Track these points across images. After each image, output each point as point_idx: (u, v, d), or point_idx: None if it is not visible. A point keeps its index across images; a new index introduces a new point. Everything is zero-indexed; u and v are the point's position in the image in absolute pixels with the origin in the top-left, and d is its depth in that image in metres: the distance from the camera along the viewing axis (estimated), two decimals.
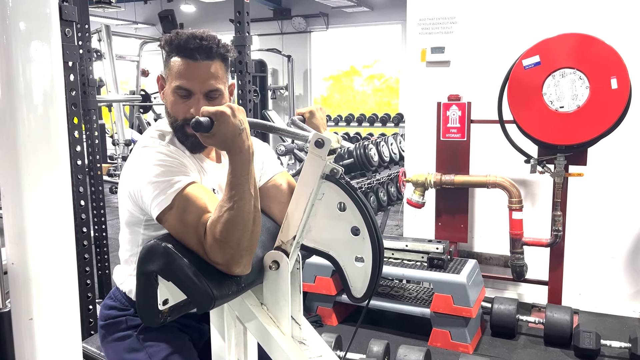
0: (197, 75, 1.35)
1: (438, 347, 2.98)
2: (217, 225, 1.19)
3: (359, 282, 1.28)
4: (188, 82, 1.35)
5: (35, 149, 0.90)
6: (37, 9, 0.89)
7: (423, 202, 3.50)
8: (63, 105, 0.94)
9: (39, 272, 0.90)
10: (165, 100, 1.42)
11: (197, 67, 1.35)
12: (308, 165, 1.25)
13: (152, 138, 1.41)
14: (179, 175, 1.29)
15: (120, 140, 7.72)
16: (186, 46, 1.34)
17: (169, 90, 1.39)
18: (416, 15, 3.81)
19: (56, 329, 0.93)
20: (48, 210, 0.91)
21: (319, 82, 11.48)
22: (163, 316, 1.22)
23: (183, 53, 1.35)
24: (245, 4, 2.91)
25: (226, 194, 1.20)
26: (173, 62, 1.37)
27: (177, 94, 1.37)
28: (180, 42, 1.35)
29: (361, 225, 1.24)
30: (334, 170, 1.24)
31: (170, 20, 8.11)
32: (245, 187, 1.20)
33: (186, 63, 1.35)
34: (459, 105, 3.39)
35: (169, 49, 1.38)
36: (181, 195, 1.26)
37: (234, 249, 1.20)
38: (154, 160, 1.32)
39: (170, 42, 1.37)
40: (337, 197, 1.25)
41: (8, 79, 0.87)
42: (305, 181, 1.26)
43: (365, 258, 1.25)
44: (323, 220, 1.28)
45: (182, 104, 1.37)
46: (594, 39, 2.87)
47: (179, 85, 1.36)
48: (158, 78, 1.45)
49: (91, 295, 2.51)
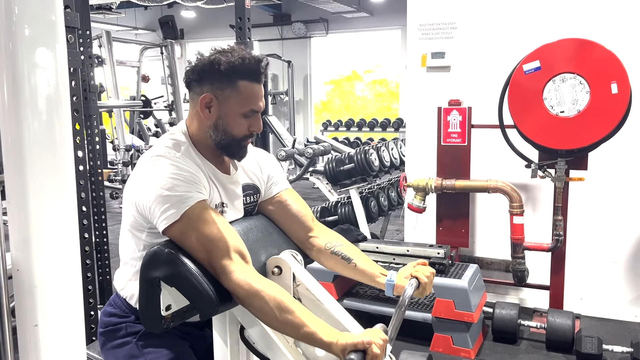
0: (260, 96, 1.44)
1: (440, 352, 2.97)
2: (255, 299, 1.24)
3: None
4: (257, 104, 1.43)
5: (40, 155, 0.90)
6: (42, 15, 0.90)
7: (424, 207, 3.50)
8: (68, 111, 0.94)
9: (44, 279, 0.90)
10: (223, 120, 1.42)
11: (259, 90, 1.44)
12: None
13: (167, 148, 1.41)
14: (191, 192, 1.30)
15: (121, 146, 7.72)
16: (256, 71, 1.40)
17: (233, 111, 1.41)
18: (416, 20, 3.82)
19: (61, 335, 0.93)
20: (53, 216, 0.91)
21: (319, 87, 11.50)
22: (166, 322, 1.22)
23: (253, 78, 1.41)
24: (246, 10, 2.92)
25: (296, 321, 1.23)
26: (241, 86, 1.40)
27: (245, 116, 1.42)
28: (250, 67, 1.39)
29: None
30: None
31: (171, 26, 8.14)
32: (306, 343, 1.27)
33: (255, 87, 1.42)
34: (460, 110, 3.40)
35: (230, 72, 1.38)
36: (192, 212, 1.27)
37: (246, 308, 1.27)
38: (167, 172, 1.32)
39: (234, 65, 1.38)
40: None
41: (14, 85, 0.87)
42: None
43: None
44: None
45: (245, 123, 1.44)
46: (594, 44, 2.88)
47: (253, 109, 1.42)
48: (205, 97, 1.41)
49: (92, 301, 2.51)
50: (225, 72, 1.38)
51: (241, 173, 1.55)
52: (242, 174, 1.55)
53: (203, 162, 1.45)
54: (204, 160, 1.45)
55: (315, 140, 8.32)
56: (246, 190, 1.54)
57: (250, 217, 1.53)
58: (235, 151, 1.47)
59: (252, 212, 1.58)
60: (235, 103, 1.40)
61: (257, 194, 1.58)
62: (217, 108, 1.41)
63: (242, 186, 1.53)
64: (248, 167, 1.57)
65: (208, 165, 1.46)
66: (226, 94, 1.40)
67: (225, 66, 1.37)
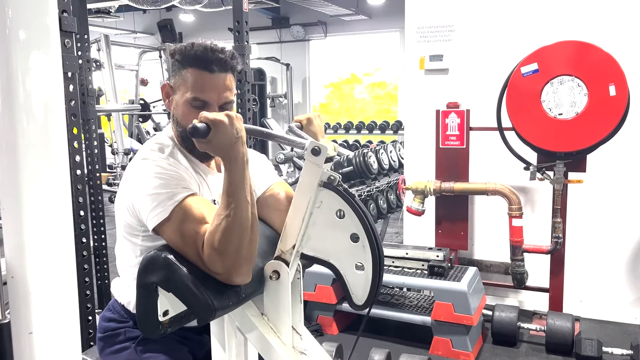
0: (213, 88, 1.37)
1: (439, 356, 2.96)
2: (215, 234, 1.19)
3: (360, 289, 1.27)
4: (204, 94, 1.37)
5: (34, 159, 0.89)
6: (37, 19, 0.90)
7: (423, 210, 3.49)
8: (63, 115, 0.93)
9: (39, 286, 0.89)
10: (176, 109, 1.42)
11: (213, 79, 1.37)
12: (305, 174, 1.25)
13: (152, 150, 1.41)
14: (177, 188, 1.29)
15: (120, 150, 7.71)
16: (203, 58, 1.36)
17: (181, 100, 1.39)
18: (414, 23, 3.82)
19: (56, 342, 0.92)
20: (48, 221, 0.91)
21: (318, 89, 11.50)
22: (163, 327, 1.21)
23: (199, 65, 1.36)
24: (244, 13, 2.93)
25: (223, 202, 1.21)
26: (188, 73, 1.37)
27: (191, 105, 1.37)
28: (197, 54, 1.36)
29: (360, 233, 1.24)
30: (332, 178, 1.24)
31: (169, 29, 8.13)
32: (241, 195, 1.20)
33: (203, 75, 1.36)
34: (458, 112, 3.40)
35: (182, 59, 1.38)
36: (179, 208, 1.26)
37: (233, 257, 1.20)
38: (153, 172, 1.32)
39: (184, 53, 1.38)
40: (336, 204, 1.25)
41: (8, 89, 0.87)
42: (302, 189, 1.26)
43: (366, 265, 1.25)
44: (322, 228, 1.27)
45: (195, 114, 1.36)
46: (591, 47, 2.88)
47: (196, 97, 1.37)
48: (164, 86, 1.44)
49: (90, 306, 2.50)
50: (178, 61, 1.39)
51: None
52: None
53: (190, 162, 1.44)
54: (191, 159, 1.45)
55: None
56: None
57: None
58: (191, 146, 1.38)
59: None
60: (182, 91, 1.39)
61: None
62: (173, 98, 1.42)
63: None
64: None
65: (196, 164, 1.45)
66: (177, 82, 1.41)
67: (177, 55, 1.39)
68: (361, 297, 1.27)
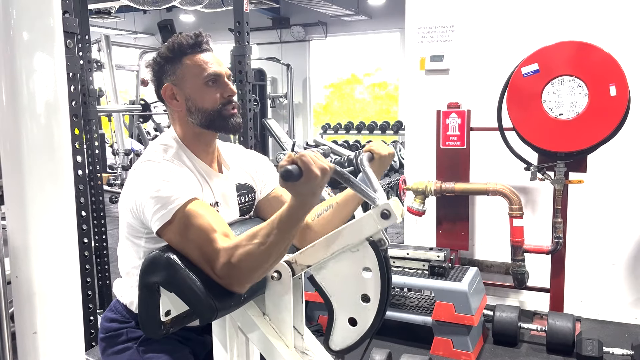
0: (215, 62, 1.44)
1: (440, 356, 2.97)
2: (237, 250, 1.18)
3: (342, 339, 1.27)
4: (214, 69, 1.42)
5: (38, 159, 0.89)
6: (40, 20, 0.90)
7: (423, 210, 3.49)
8: (67, 116, 0.94)
9: (43, 286, 0.89)
10: (192, 100, 1.43)
11: (209, 56, 1.44)
12: (362, 222, 1.20)
13: (156, 152, 1.41)
14: (181, 191, 1.29)
15: (120, 150, 7.71)
16: (193, 43, 1.42)
17: (195, 87, 1.42)
18: (415, 23, 3.83)
19: (60, 342, 0.93)
20: (52, 222, 0.91)
21: (318, 90, 11.50)
22: (165, 327, 1.21)
23: (194, 49, 1.43)
24: (244, 13, 2.92)
25: (265, 229, 1.18)
26: (187, 61, 1.42)
27: (207, 85, 1.42)
28: (187, 42, 1.42)
29: (374, 299, 1.22)
30: (382, 242, 1.20)
31: (170, 30, 8.12)
32: (292, 232, 1.18)
33: (201, 56, 1.43)
34: (459, 113, 3.40)
35: (174, 54, 1.43)
36: (182, 211, 1.26)
37: (244, 275, 1.20)
38: (156, 174, 1.32)
39: (174, 48, 1.42)
40: (369, 262, 1.21)
41: (12, 90, 0.87)
42: (350, 232, 1.21)
43: (360, 324, 1.24)
44: (342, 268, 1.24)
45: (214, 92, 1.43)
46: (592, 47, 2.88)
47: (209, 74, 1.42)
48: (164, 89, 1.45)
49: (92, 306, 2.50)
50: (168, 60, 1.43)
51: (234, 172, 1.55)
52: (236, 173, 1.55)
53: (194, 162, 1.45)
54: (195, 159, 1.45)
55: (314, 143, 8.31)
56: (240, 189, 1.54)
57: (250, 221, 1.53)
58: (221, 124, 1.44)
59: (248, 212, 1.58)
60: (192, 77, 1.42)
61: (252, 194, 1.57)
62: (181, 93, 1.44)
63: (235, 185, 1.53)
64: (241, 167, 1.57)
65: (200, 165, 1.46)
66: (179, 75, 1.43)
67: (164, 55, 1.43)
68: (338, 345, 1.27)
